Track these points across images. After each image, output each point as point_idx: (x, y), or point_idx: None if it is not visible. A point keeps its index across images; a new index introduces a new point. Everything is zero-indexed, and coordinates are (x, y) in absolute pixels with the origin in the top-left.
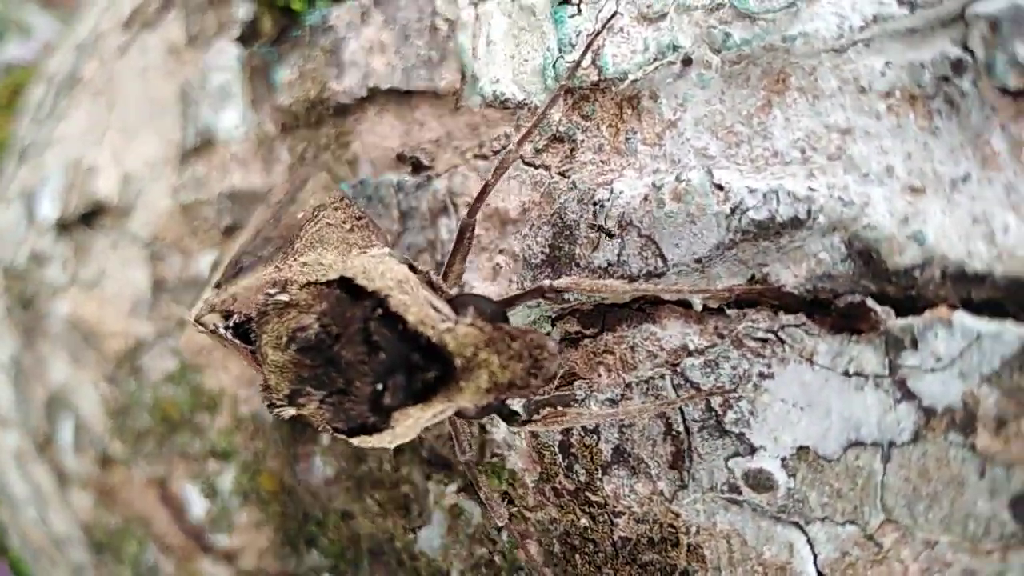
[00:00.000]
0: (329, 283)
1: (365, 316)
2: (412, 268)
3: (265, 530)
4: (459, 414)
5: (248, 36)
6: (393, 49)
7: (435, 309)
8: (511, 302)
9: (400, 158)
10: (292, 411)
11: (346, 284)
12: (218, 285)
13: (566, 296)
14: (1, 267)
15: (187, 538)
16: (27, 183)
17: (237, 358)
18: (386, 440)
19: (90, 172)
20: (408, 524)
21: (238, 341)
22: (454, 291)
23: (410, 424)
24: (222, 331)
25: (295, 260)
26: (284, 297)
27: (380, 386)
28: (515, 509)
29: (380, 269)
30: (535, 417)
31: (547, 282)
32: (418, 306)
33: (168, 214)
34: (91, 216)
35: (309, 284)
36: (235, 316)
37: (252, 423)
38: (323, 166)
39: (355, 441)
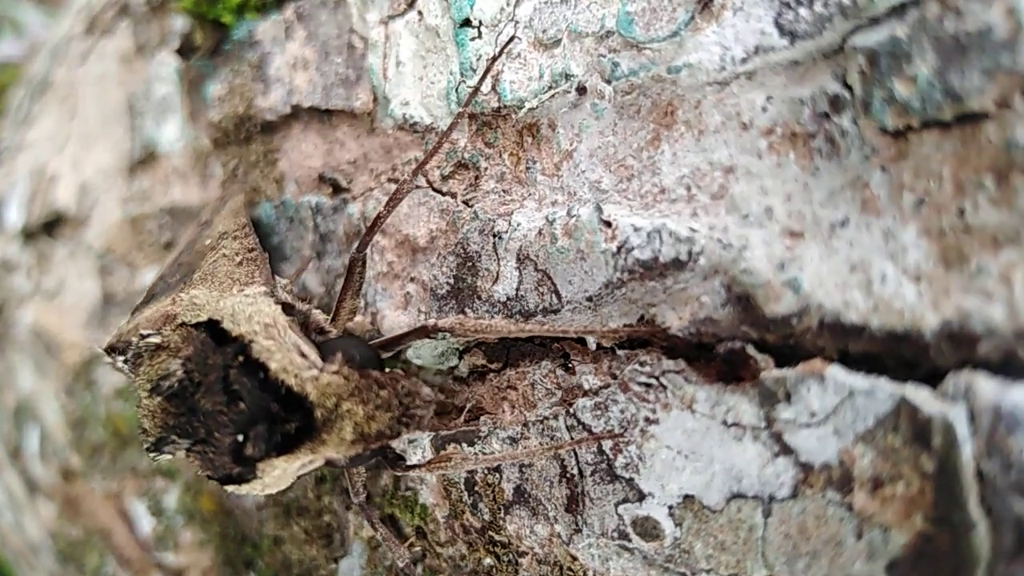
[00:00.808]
0: (199, 325)
1: (226, 363)
2: (287, 308)
3: (207, 550)
4: (331, 463)
5: (187, 48)
6: (315, 66)
7: (302, 355)
8: (393, 342)
9: (321, 178)
10: (168, 456)
11: (213, 327)
12: (134, 311)
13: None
14: None
15: (142, 552)
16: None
17: None
18: (257, 489)
19: (52, 180)
20: (330, 554)
21: (133, 376)
22: (361, 326)
23: (278, 475)
24: (119, 365)
25: (187, 293)
26: (156, 339)
27: (241, 437)
28: (428, 544)
29: (248, 312)
30: (418, 462)
31: (431, 322)
32: (283, 352)
33: (118, 226)
34: (52, 225)
35: (182, 324)
36: (128, 353)
37: None
38: (252, 184)
39: (229, 489)
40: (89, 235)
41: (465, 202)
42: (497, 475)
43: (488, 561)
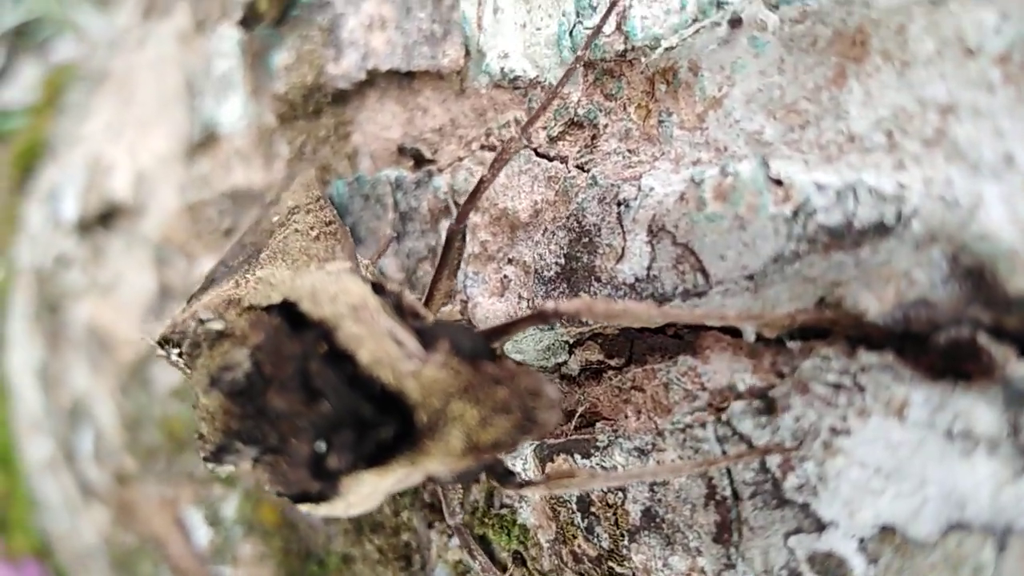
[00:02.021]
0: (271, 307)
1: (305, 353)
2: (378, 288)
3: (268, 565)
4: (432, 478)
5: (250, 18)
6: (394, 24)
7: (398, 344)
8: (505, 331)
9: (401, 150)
10: (229, 468)
11: (289, 310)
12: (190, 299)
13: (581, 320)
14: (33, 269)
15: (198, 565)
16: (54, 182)
17: None
18: (338, 510)
19: (107, 171)
20: None
21: (188, 370)
22: (451, 314)
23: (366, 493)
24: (173, 358)
25: (254, 274)
26: (217, 325)
27: (322, 445)
28: (527, 572)
29: (333, 291)
30: (536, 479)
31: (551, 305)
32: (375, 340)
33: (176, 214)
34: (108, 217)
35: (250, 307)
36: (184, 342)
37: None
38: (322, 161)
39: (303, 508)
40: (146, 225)
41: (579, 167)
42: (621, 494)
43: None
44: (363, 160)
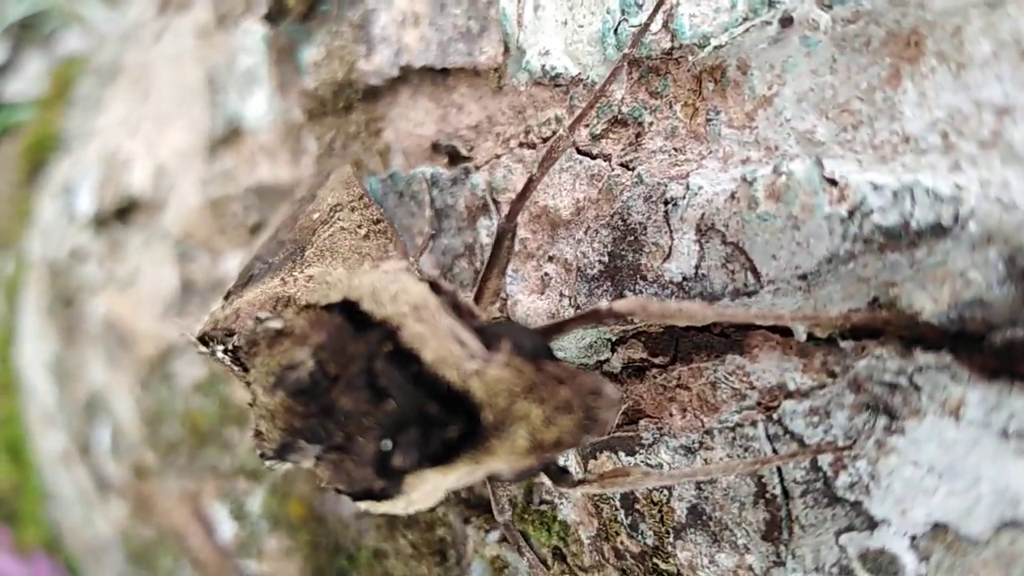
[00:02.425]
0: (331, 306)
1: (370, 353)
2: (434, 287)
3: (295, 559)
4: (492, 476)
5: (275, 14)
6: (427, 20)
7: (460, 343)
8: (558, 329)
9: (435, 147)
10: (288, 465)
11: (350, 309)
12: (228, 295)
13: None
14: (46, 262)
15: (219, 558)
16: (68, 176)
17: None
18: (400, 507)
19: (125, 165)
20: (444, 573)
21: (236, 368)
22: (491, 313)
23: (428, 490)
24: (219, 355)
25: (302, 272)
26: (276, 324)
27: (388, 443)
28: (567, 568)
29: (393, 290)
30: (588, 476)
31: (605, 305)
32: (438, 340)
33: (198, 210)
34: (125, 212)
35: (308, 306)
36: (236, 337)
37: None
38: (353, 157)
39: (363, 506)
40: (166, 220)
41: (623, 164)
42: (666, 492)
43: None
44: (395, 157)
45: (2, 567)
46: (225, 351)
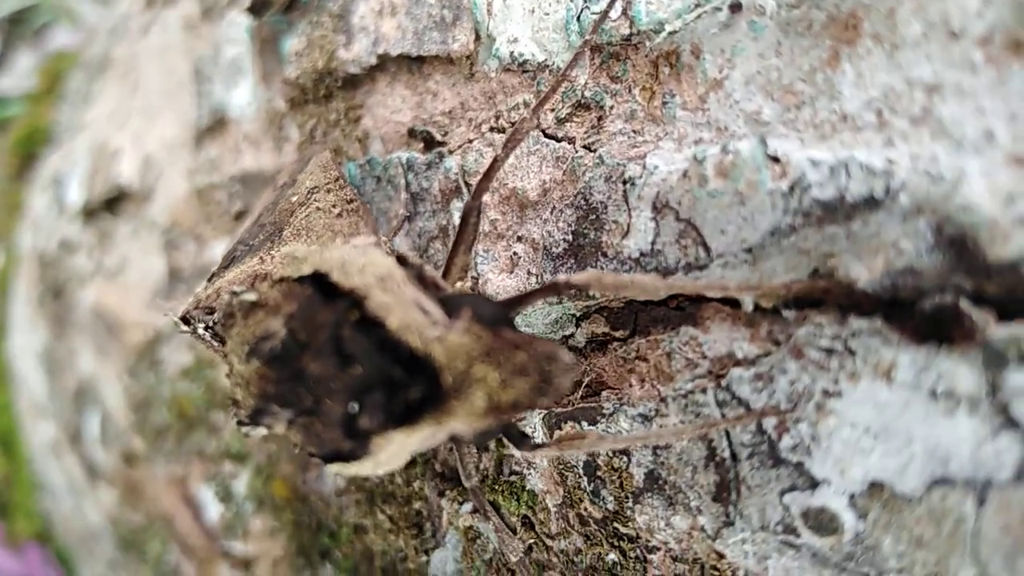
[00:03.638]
0: (302, 279)
1: (338, 320)
2: (401, 261)
3: (279, 538)
4: (454, 438)
5: (259, 5)
6: (404, 10)
7: (423, 312)
8: (519, 302)
9: (411, 133)
10: (263, 431)
11: (319, 281)
12: (211, 278)
13: (591, 292)
14: (36, 254)
15: (208, 541)
16: (58, 168)
17: None
18: (367, 468)
19: (114, 156)
20: (421, 545)
21: (216, 344)
22: (461, 289)
23: (394, 451)
24: (200, 331)
25: (278, 251)
26: (251, 296)
27: (355, 406)
28: (535, 536)
29: (361, 263)
30: (548, 441)
31: (562, 277)
32: (402, 308)
33: (184, 199)
34: (114, 202)
35: (282, 279)
36: (216, 314)
37: None
38: (333, 144)
39: (333, 468)
40: (153, 210)
41: (586, 147)
42: (625, 458)
43: (612, 557)
44: (374, 143)
45: None
46: (206, 328)
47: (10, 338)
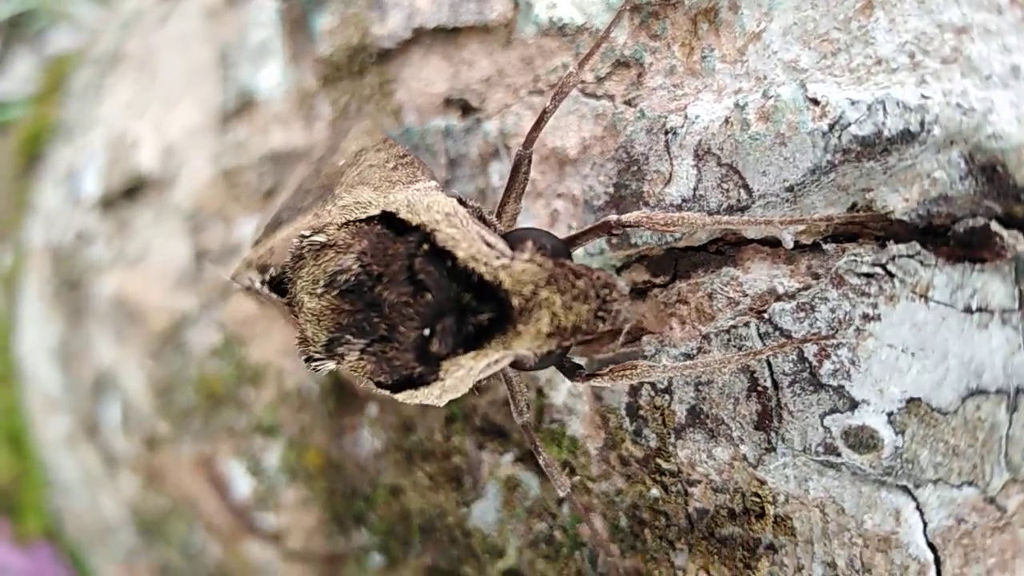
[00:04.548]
0: (370, 220)
1: (409, 252)
2: (462, 202)
3: (312, 508)
4: (516, 364)
5: None
6: None
7: (488, 244)
8: (573, 240)
9: (447, 102)
10: (331, 364)
11: (389, 220)
12: (257, 243)
13: (633, 240)
14: (49, 249)
15: (234, 519)
16: (72, 163)
17: (282, 327)
18: (435, 394)
19: (132, 146)
20: (461, 498)
21: (274, 295)
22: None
23: (461, 375)
24: (257, 285)
25: (334, 205)
26: (320, 237)
27: (427, 331)
28: (577, 480)
29: (426, 202)
30: (599, 372)
31: (613, 216)
32: (469, 240)
33: (210, 182)
34: (134, 191)
35: (348, 223)
36: (272, 269)
37: (298, 396)
38: (366, 119)
39: (401, 397)
40: (176, 195)
41: (627, 102)
42: (667, 396)
43: (654, 492)
44: (408, 115)
45: (3, 559)
46: (262, 283)
47: (19, 337)
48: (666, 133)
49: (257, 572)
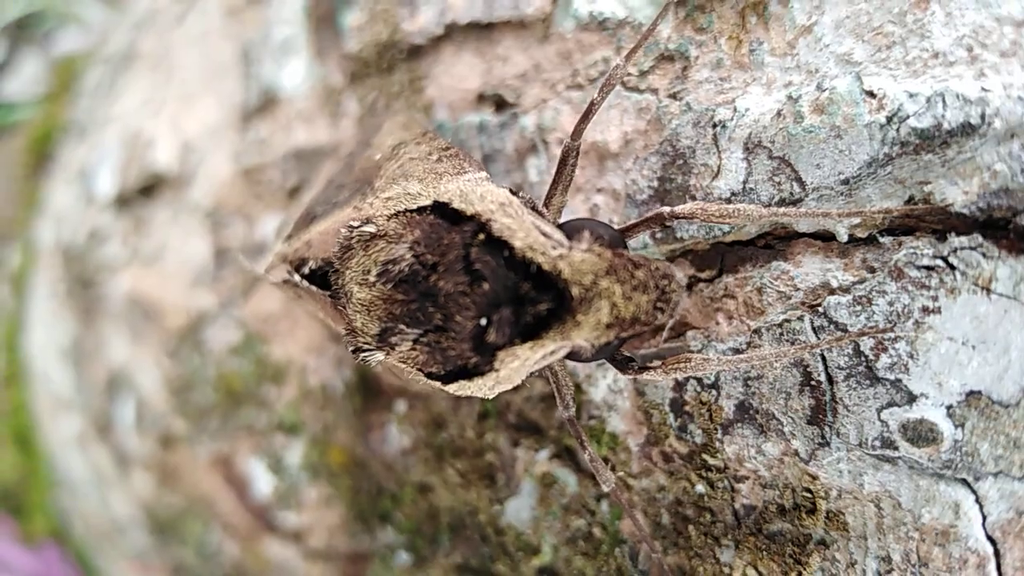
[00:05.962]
0: (421, 210)
1: (465, 242)
2: (514, 193)
3: (336, 506)
4: (571, 356)
5: None
6: None
7: (544, 235)
8: (627, 231)
9: (481, 98)
10: (380, 355)
11: (441, 210)
12: (289, 237)
13: (679, 234)
14: (60, 249)
15: (253, 518)
16: (85, 162)
17: (306, 325)
18: (488, 385)
19: (148, 145)
20: (494, 495)
21: (315, 288)
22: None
23: (516, 367)
24: (296, 279)
25: (376, 197)
26: (370, 228)
27: (484, 321)
28: (618, 476)
29: (479, 192)
30: (652, 364)
31: (666, 208)
32: (525, 230)
33: (230, 180)
34: (151, 189)
35: (396, 214)
36: (310, 263)
37: (321, 394)
38: (399, 114)
39: (452, 388)
40: (195, 194)
41: (671, 96)
42: (714, 392)
43: (699, 488)
44: (439, 111)
45: (10, 559)
46: (302, 276)
47: (28, 336)
48: (714, 126)
49: (277, 571)
